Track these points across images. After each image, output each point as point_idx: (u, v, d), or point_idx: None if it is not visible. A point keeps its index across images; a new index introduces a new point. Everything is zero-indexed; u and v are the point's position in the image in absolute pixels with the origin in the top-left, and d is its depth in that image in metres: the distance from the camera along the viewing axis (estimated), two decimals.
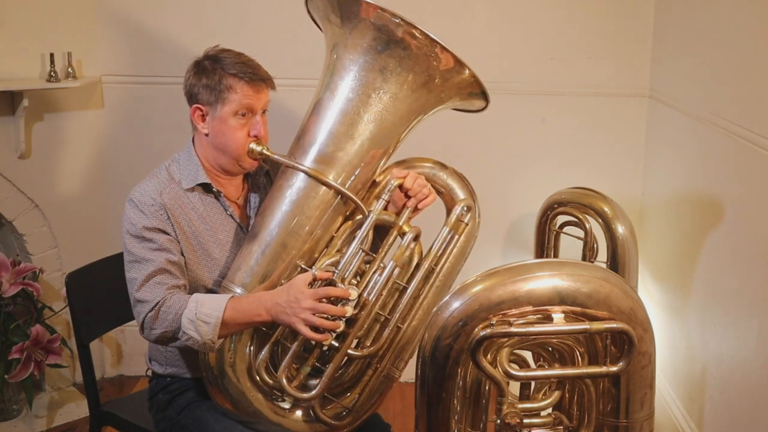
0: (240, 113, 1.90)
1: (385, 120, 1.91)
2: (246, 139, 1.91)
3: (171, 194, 1.92)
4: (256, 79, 1.91)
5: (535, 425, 1.56)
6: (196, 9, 3.03)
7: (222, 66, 1.90)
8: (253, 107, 1.91)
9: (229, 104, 1.89)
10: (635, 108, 3.04)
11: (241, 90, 1.89)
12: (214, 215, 1.97)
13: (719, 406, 2.33)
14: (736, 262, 2.23)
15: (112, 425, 2.20)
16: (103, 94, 3.10)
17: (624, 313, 1.47)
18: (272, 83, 1.96)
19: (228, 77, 1.89)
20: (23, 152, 2.89)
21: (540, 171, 3.08)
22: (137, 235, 1.87)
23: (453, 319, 1.47)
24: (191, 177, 1.95)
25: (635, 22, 2.99)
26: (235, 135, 1.91)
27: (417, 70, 1.89)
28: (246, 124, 1.91)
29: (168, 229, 1.89)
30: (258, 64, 1.95)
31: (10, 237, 3.03)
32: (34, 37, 2.87)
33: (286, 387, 1.85)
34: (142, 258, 1.86)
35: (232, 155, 1.93)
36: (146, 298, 1.84)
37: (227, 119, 1.90)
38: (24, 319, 2.88)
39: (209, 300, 1.82)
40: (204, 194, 1.97)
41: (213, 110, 1.91)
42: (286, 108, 3.14)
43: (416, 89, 1.91)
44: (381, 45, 1.88)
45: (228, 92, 1.89)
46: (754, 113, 2.12)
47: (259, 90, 1.92)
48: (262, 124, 1.93)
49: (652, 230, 2.96)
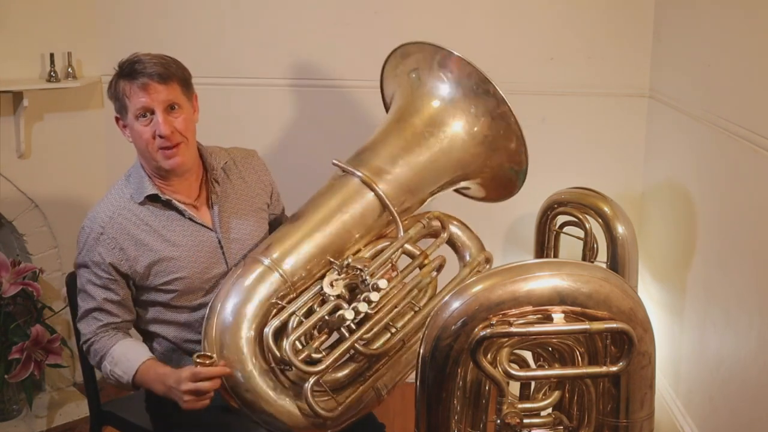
0: (140, 115, 1.90)
1: (439, 160, 2.11)
2: (151, 140, 1.91)
3: (122, 217, 1.95)
4: (141, 77, 1.88)
5: (535, 425, 1.56)
6: (196, 9, 3.04)
7: (119, 73, 1.93)
8: (148, 107, 1.89)
9: (130, 110, 1.91)
10: (635, 108, 3.04)
11: (131, 92, 1.90)
12: (170, 224, 1.97)
13: (719, 406, 2.33)
14: (736, 262, 2.23)
15: (113, 425, 2.20)
16: (103, 94, 3.10)
17: (624, 313, 1.46)
18: (166, 77, 1.90)
19: (120, 83, 1.92)
20: (23, 152, 2.90)
21: (540, 171, 3.06)
22: (83, 263, 1.96)
23: (453, 319, 1.47)
24: (139, 191, 1.97)
25: (635, 22, 2.99)
26: (142, 138, 1.92)
27: (491, 127, 2.10)
28: (149, 125, 1.91)
29: (114, 260, 1.93)
30: (156, 61, 1.91)
31: (10, 237, 3.03)
32: (34, 37, 2.87)
33: (292, 358, 1.81)
34: (84, 290, 1.96)
35: (147, 158, 1.95)
36: (82, 330, 1.98)
37: (133, 124, 1.92)
38: (24, 319, 2.88)
39: (122, 361, 1.92)
40: (156, 205, 1.98)
41: (125, 119, 1.94)
42: (287, 108, 3.14)
43: (479, 144, 2.12)
44: (470, 90, 2.09)
45: (124, 98, 1.91)
46: (754, 113, 2.12)
47: (147, 87, 1.88)
48: (164, 123, 1.89)
49: (652, 230, 2.96)
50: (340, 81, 3.06)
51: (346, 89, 3.06)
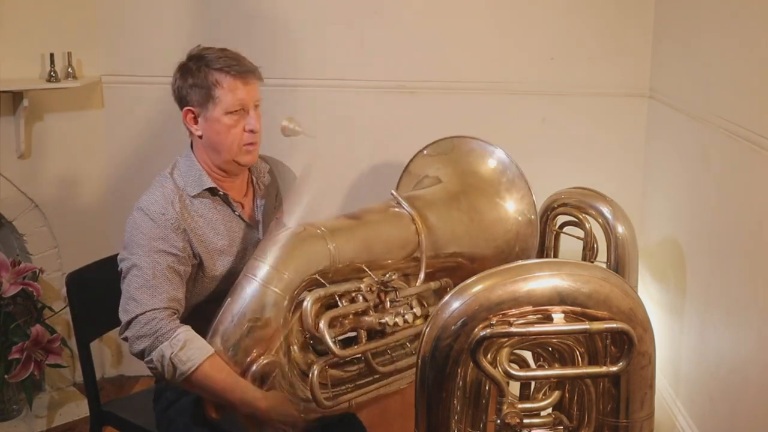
0: (232, 111, 1.88)
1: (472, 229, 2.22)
2: (241, 134, 1.90)
3: (179, 205, 1.90)
4: (242, 71, 1.89)
5: (535, 425, 1.56)
6: (196, 9, 3.03)
7: (206, 62, 1.89)
8: (244, 102, 1.89)
9: (220, 103, 1.87)
10: (635, 108, 3.04)
11: (227, 84, 1.87)
12: (223, 218, 1.97)
13: (719, 406, 2.33)
14: (736, 262, 2.23)
15: (113, 425, 2.20)
16: (103, 94, 3.10)
17: (624, 313, 1.46)
18: (259, 74, 1.94)
19: (213, 72, 1.88)
20: (23, 152, 2.90)
21: (540, 171, 3.07)
22: (144, 243, 1.83)
23: (453, 319, 1.47)
24: (196, 183, 1.94)
25: (635, 22, 2.99)
26: (229, 133, 1.90)
27: None
28: (239, 121, 1.90)
29: (177, 240, 1.86)
30: (243, 57, 1.93)
31: (10, 237, 3.03)
32: (34, 37, 2.87)
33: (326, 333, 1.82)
34: (146, 264, 1.82)
35: (228, 153, 1.92)
36: (143, 301, 1.79)
37: (220, 118, 1.89)
38: (24, 319, 2.88)
39: (190, 347, 1.75)
40: (211, 198, 1.96)
41: (204, 111, 1.90)
42: (287, 108, 3.14)
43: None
44: None
45: (215, 88, 1.87)
46: (754, 113, 2.12)
47: (247, 82, 1.90)
48: (255, 119, 1.92)
49: (652, 230, 2.96)
50: (339, 81, 3.06)
51: (346, 89, 3.06)
